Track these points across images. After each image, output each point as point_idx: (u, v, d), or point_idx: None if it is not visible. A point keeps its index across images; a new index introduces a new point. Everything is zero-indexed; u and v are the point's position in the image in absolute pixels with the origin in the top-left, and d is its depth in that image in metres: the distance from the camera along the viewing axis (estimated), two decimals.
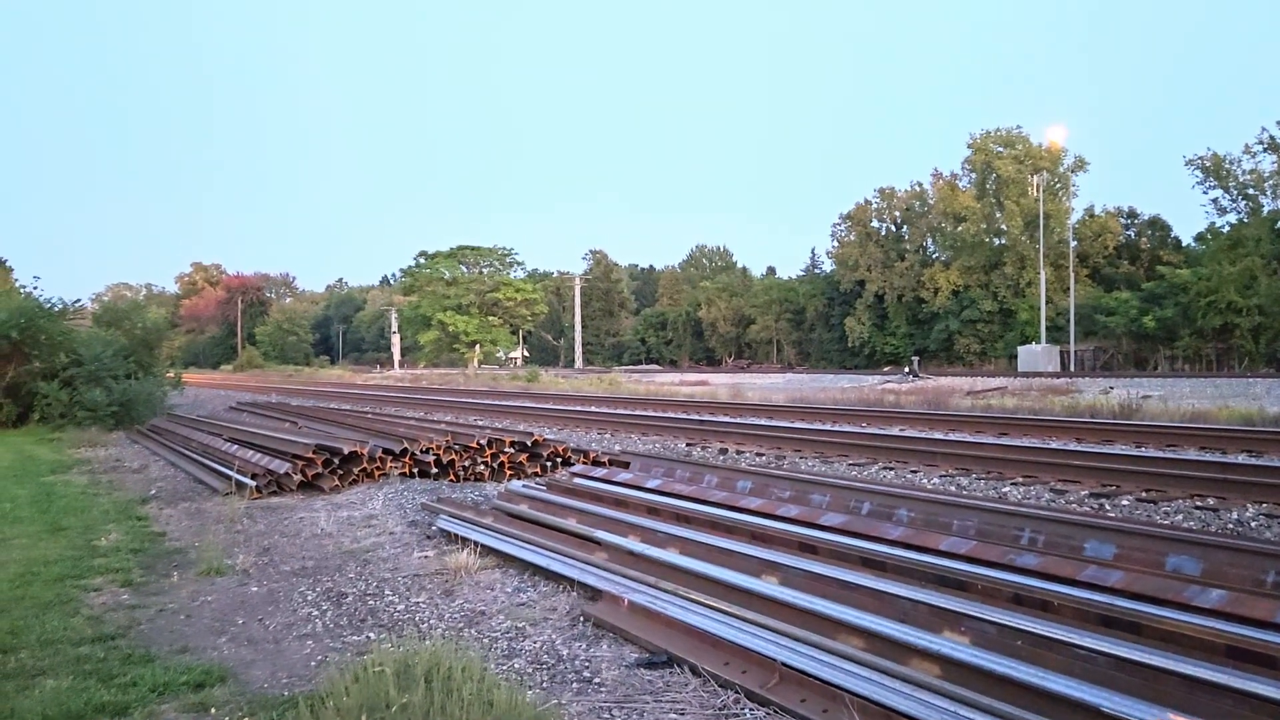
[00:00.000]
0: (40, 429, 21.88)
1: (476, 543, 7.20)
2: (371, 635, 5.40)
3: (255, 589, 6.70)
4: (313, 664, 4.97)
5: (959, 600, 4.60)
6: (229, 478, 11.20)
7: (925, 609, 4.55)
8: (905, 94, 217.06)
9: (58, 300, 25.17)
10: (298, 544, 8.29)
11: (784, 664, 4.22)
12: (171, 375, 29.80)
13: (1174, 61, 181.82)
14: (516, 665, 4.77)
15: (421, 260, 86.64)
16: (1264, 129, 51.13)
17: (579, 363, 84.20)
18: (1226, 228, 51.95)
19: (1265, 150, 50.70)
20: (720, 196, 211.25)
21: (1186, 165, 53.43)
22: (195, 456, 14.07)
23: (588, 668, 4.68)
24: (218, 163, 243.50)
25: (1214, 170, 52.51)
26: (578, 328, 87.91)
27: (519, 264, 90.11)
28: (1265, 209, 50.90)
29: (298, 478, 10.95)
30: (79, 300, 27.69)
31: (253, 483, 10.89)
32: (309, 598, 6.38)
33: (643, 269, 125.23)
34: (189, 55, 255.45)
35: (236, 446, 13.36)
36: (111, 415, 21.74)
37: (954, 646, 4.05)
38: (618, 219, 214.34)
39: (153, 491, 11.69)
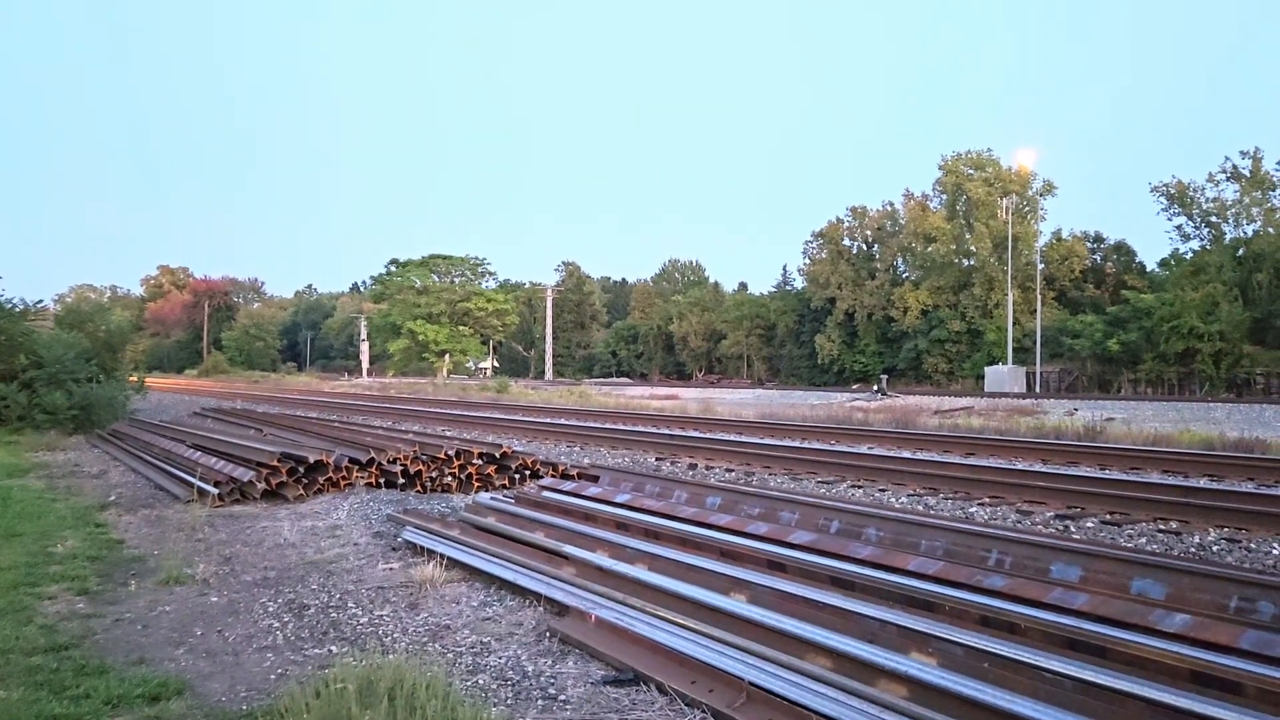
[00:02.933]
0: None
1: (443, 555, 7.12)
2: (334, 648, 5.31)
3: (215, 599, 6.58)
4: (273, 677, 4.88)
5: (927, 621, 4.60)
6: (191, 484, 11.02)
7: (893, 629, 4.54)
8: (878, 114, 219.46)
9: (19, 300, 24.70)
10: (260, 553, 8.16)
11: (751, 683, 4.20)
12: (134, 379, 29.32)
13: (1141, 89, 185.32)
14: (481, 681, 4.71)
15: (393, 268, 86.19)
16: (1227, 158, 52.26)
17: (549, 374, 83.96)
18: (1190, 254, 52.93)
19: (1228, 179, 51.77)
20: (694, 211, 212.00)
21: (1152, 192, 54.42)
22: (157, 462, 13.84)
23: (553, 685, 4.63)
24: (187, 164, 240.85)
25: (1178, 197, 53.50)
26: (549, 339, 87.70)
27: (491, 274, 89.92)
28: (1227, 237, 51.91)
29: (261, 486, 10.81)
30: (40, 301, 27.19)
31: (215, 490, 10.72)
32: (270, 609, 6.28)
33: (615, 281, 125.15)
34: (159, 56, 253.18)
35: (199, 453, 13.16)
36: (71, 419, 21.37)
37: (921, 668, 4.04)
38: (591, 231, 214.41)
39: (112, 497, 11.48)
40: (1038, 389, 48.10)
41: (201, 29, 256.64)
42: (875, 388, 46.09)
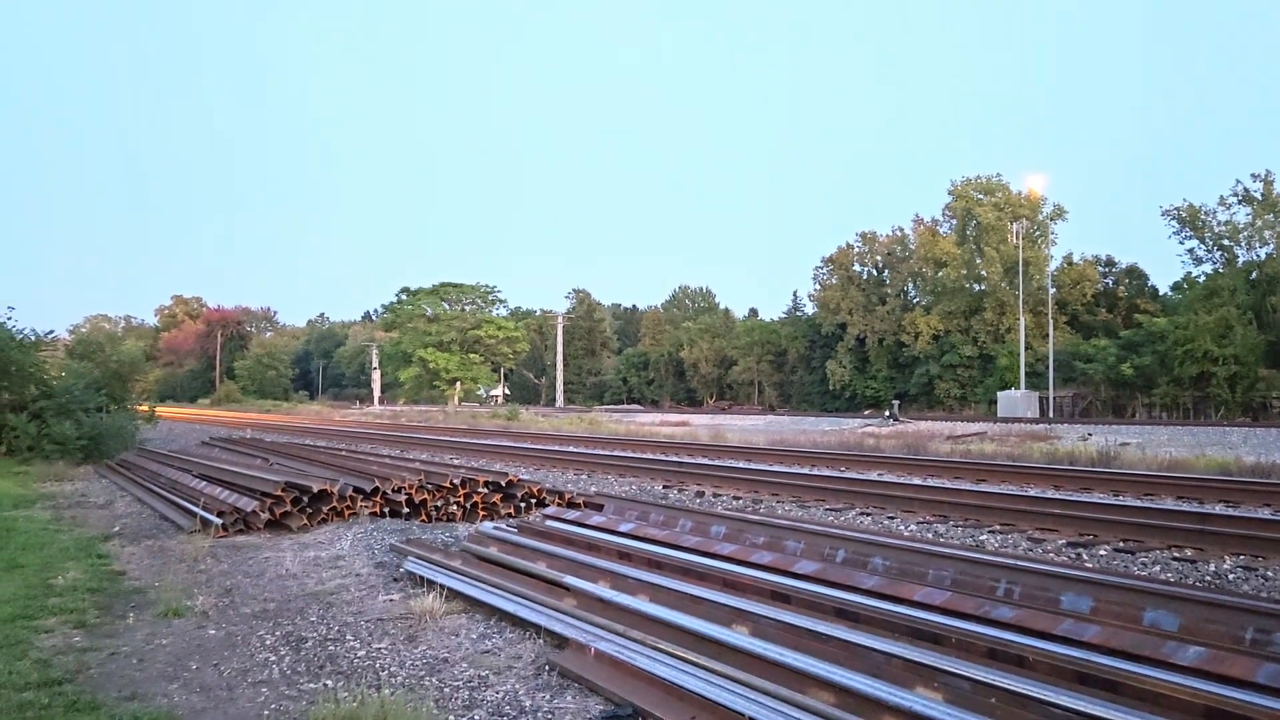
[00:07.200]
0: (7, 462, 21.45)
1: (444, 586, 7.03)
2: (329, 683, 5.22)
3: (213, 632, 6.50)
4: (265, 713, 4.79)
5: (933, 654, 4.48)
6: (195, 515, 10.97)
7: (899, 663, 4.43)
8: (888, 139, 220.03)
9: (30, 331, 24.80)
10: (261, 585, 8.08)
11: (752, 719, 4.09)
12: (145, 409, 29.38)
13: (1151, 113, 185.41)
14: (477, 717, 4.61)
15: (404, 296, 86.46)
16: (1238, 181, 52.23)
17: (560, 401, 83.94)
18: (1202, 278, 52.74)
19: (1240, 202, 51.67)
20: (703, 238, 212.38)
21: (1163, 215, 54.41)
22: (163, 492, 13.80)
23: None
24: (201, 195, 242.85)
25: (1190, 221, 53.38)
26: (559, 366, 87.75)
27: (502, 302, 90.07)
28: (1240, 260, 51.74)
29: (265, 516, 10.73)
30: (52, 331, 27.34)
31: (219, 520, 10.66)
32: (268, 642, 6.19)
33: (625, 309, 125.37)
34: (173, 85, 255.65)
35: (205, 483, 13.12)
36: (80, 449, 21.36)
37: (926, 703, 3.92)
38: (601, 258, 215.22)
39: (116, 528, 11.42)
40: (1051, 414, 47.76)
41: (219, 61, 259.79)
42: (887, 413, 45.88)
